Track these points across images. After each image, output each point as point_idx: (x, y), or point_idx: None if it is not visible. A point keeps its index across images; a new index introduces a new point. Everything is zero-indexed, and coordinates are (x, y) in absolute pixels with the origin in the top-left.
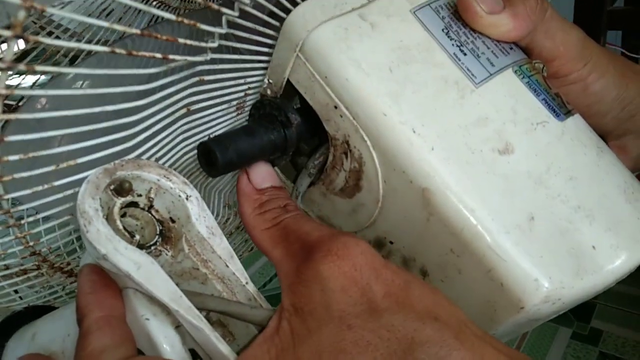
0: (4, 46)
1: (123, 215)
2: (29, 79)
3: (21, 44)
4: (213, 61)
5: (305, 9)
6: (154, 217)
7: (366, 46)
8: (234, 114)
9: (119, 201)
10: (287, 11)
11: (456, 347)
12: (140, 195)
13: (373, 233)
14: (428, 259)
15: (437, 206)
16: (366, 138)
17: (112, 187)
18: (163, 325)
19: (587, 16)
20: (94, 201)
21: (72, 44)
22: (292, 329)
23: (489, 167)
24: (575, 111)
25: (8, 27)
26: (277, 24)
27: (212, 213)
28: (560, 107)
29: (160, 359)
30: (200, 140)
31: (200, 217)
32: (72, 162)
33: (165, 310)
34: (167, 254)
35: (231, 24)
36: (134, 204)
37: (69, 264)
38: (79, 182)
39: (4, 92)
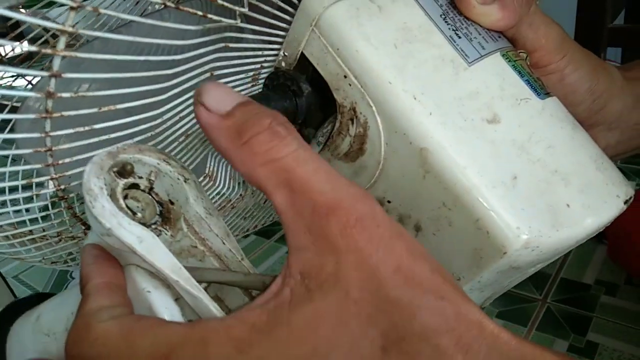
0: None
1: (125, 197)
2: (20, 82)
3: (25, 46)
4: (239, 29)
5: None
6: (154, 199)
7: (375, 24)
8: (249, 85)
9: (122, 182)
10: None
11: (454, 326)
12: (141, 178)
13: (373, 194)
14: (422, 214)
15: (433, 164)
16: (372, 104)
17: (115, 169)
18: (164, 297)
19: (588, 33)
20: (99, 180)
21: (124, 15)
22: (292, 296)
23: (479, 134)
24: (554, 94)
25: None
26: (296, 1)
27: (220, 184)
28: (541, 88)
29: (156, 319)
30: None
31: (198, 199)
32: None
33: (166, 284)
34: (166, 234)
35: None
36: (135, 186)
37: None
38: (116, 139)
39: (70, 29)
